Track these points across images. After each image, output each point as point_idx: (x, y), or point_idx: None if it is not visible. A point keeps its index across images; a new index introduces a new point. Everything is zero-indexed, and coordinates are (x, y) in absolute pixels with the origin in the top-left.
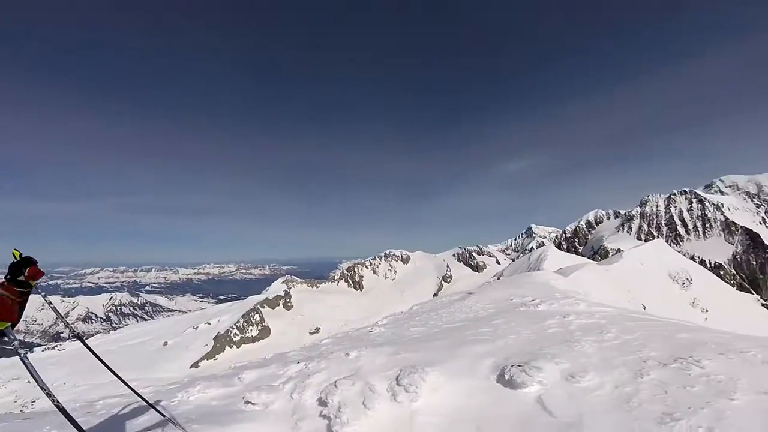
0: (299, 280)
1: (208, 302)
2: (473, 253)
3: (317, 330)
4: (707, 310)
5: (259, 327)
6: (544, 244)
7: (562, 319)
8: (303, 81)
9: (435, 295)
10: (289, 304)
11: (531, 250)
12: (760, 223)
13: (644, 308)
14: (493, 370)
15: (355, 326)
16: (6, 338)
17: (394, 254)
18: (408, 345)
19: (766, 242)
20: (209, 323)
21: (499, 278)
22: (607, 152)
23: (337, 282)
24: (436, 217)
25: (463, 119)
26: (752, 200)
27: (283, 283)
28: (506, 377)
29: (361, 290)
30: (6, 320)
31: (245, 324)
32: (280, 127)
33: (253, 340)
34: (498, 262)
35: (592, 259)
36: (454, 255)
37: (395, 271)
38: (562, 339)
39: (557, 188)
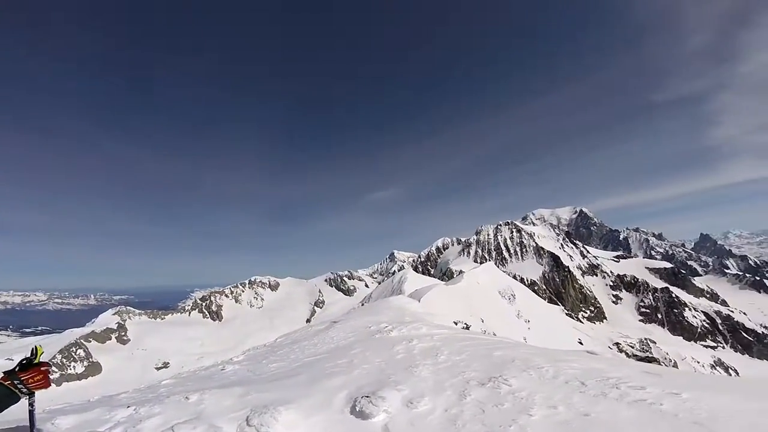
0: (136, 311)
1: (8, 335)
2: (344, 278)
3: (165, 365)
4: (529, 320)
5: (86, 363)
6: (404, 268)
7: (408, 344)
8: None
9: (308, 321)
10: (124, 338)
11: (393, 273)
12: (560, 248)
13: (482, 321)
14: (347, 402)
15: (216, 358)
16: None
17: (260, 281)
18: (263, 383)
19: (564, 263)
20: (11, 359)
21: (364, 303)
22: (454, 186)
23: (188, 312)
24: (308, 243)
25: (336, 147)
26: (554, 230)
27: (115, 314)
28: (357, 409)
29: (220, 320)
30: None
31: (64, 360)
32: (114, 130)
33: (78, 377)
34: (367, 286)
35: (441, 280)
36: (326, 280)
37: (262, 299)
38: (406, 365)
39: (416, 216)
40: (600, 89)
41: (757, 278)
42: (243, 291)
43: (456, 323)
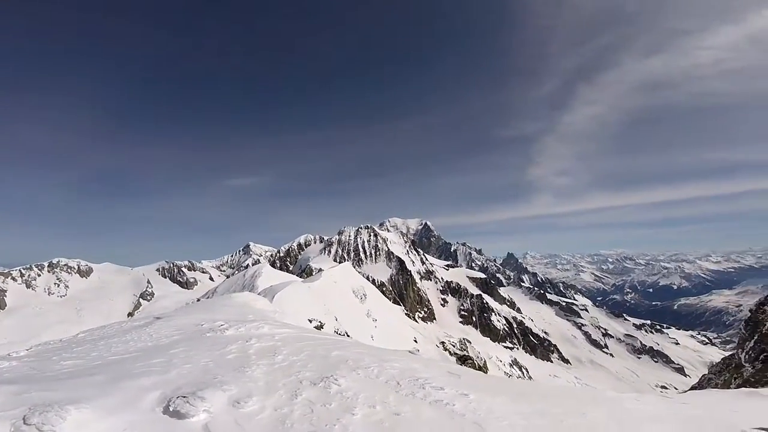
0: None
1: None
2: (183, 269)
3: None
4: (377, 319)
5: None
6: (260, 262)
7: (245, 343)
8: None
9: (130, 315)
10: None
11: (247, 267)
12: (406, 254)
13: (336, 319)
14: (159, 402)
15: None
16: None
17: (66, 264)
18: (49, 382)
19: (408, 268)
20: None
21: (208, 297)
22: (322, 185)
23: None
24: (139, 225)
25: (189, 117)
26: (403, 237)
27: None
28: (171, 409)
29: (2, 309)
30: None
31: None
32: None
33: None
34: (212, 279)
35: (300, 277)
36: (158, 270)
37: (67, 286)
38: (237, 365)
39: (278, 209)
40: (460, 119)
41: (542, 292)
42: (40, 275)
43: (311, 321)
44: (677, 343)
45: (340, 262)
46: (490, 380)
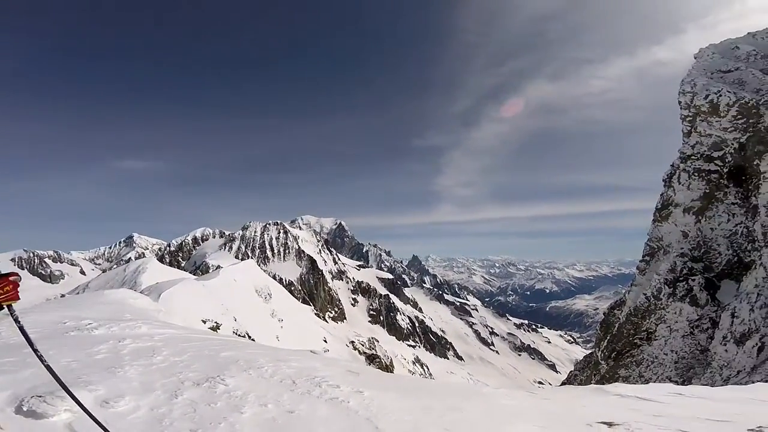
0: None
1: None
2: (47, 260)
3: None
4: (282, 320)
5: None
6: (145, 256)
7: (117, 343)
8: None
9: None
10: None
11: (129, 261)
12: (318, 253)
13: (236, 320)
14: (10, 402)
15: None
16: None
17: None
18: None
19: (319, 267)
20: None
21: (79, 293)
22: (231, 175)
23: None
24: None
25: (78, 87)
26: (316, 236)
27: None
28: (25, 409)
29: None
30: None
31: None
32: None
33: None
34: (83, 273)
35: (194, 274)
36: (12, 260)
37: None
38: (107, 365)
39: (175, 198)
40: (384, 124)
41: (441, 292)
42: None
43: (204, 322)
44: (549, 342)
45: (242, 260)
46: (385, 378)
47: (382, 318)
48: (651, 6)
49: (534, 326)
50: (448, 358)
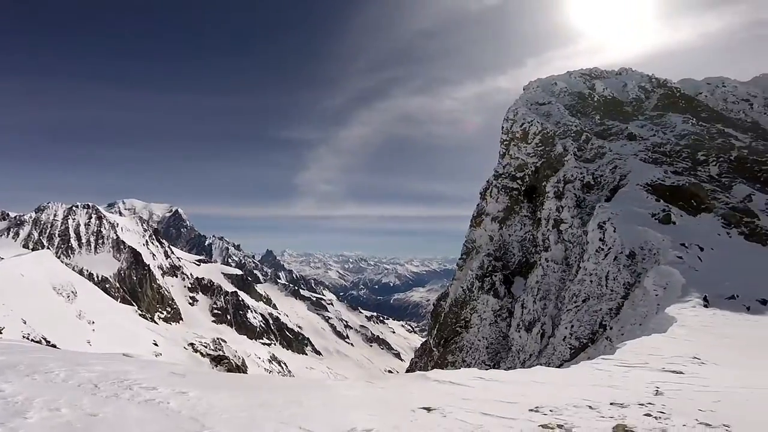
0: None
1: None
2: None
3: None
4: (94, 321)
5: None
6: None
7: None
8: None
9: None
10: None
11: None
12: (144, 245)
13: (25, 323)
14: None
15: None
16: None
17: None
18: None
19: (146, 261)
20: None
21: None
22: (29, 143)
23: None
24: None
25: None
26: (143, 224)
27: None
28: None
29: None
30: None
31: None
32: None
33: None
34: None
35: None
36: None
37: None
38: None
39: None
40: (250, 108)
41: (296, 288)
42: None
43: None
44: (394, 332)
45: (33, 249)
46: (217, 377)
47: (229, 317)
48: (505, 40)
49: (382, 318)
50: (306, 354)
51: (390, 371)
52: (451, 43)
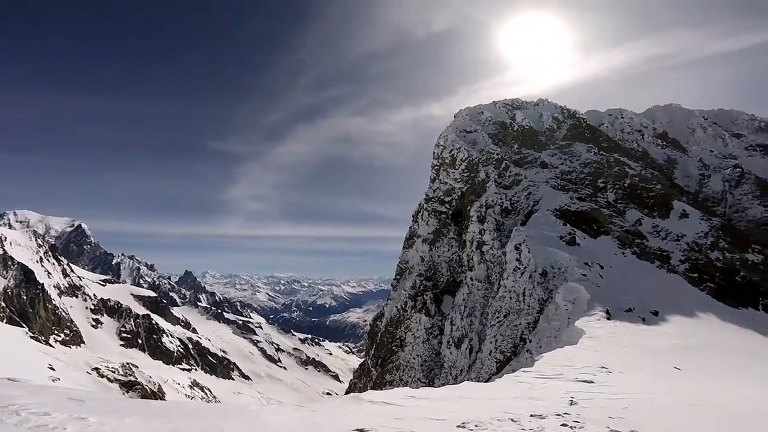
0: None
1: None
2: None
3: None
4: None
5: None
6: None
7: None
8: None
9: None
10: None
11: None
12: (38, 262)
13: None
14: None
15: None
16: None
17: None
18: None
19: (39, 280)
20: None
21: None
22: None
23: None
24: None
25: None
26: (37, 239)
27: None
28: None
29: None
30: None
31: None
32: None
33: None
34: None
35: None
36: None
37: None
38: None
39: None
40: (176, 115)
41: (219, 311)
42: None
43: None
44: (331, 354)
45: None
46: (123, 403)
47: (140, 341)
48: (443, 67)
49: (317, 340)
50: (233, 379)
51: (328, 393)
52: (395, 66)
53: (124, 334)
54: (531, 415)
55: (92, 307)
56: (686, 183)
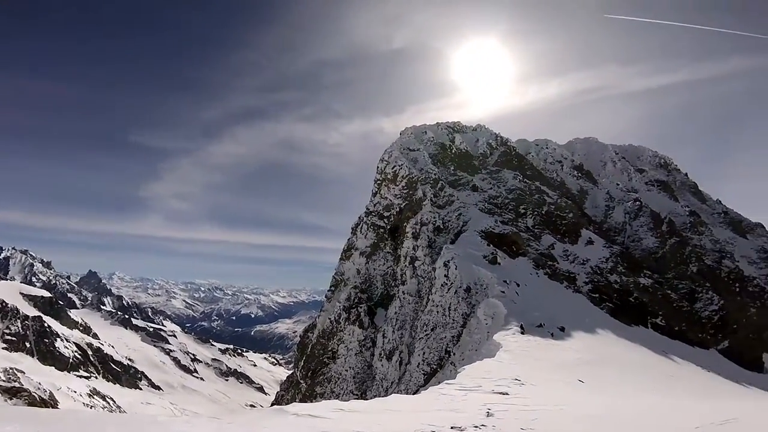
0: None
1: None
2: None
3: None
4: None
5: None
6: None
7: None
8: None
9: None
10: None
11: None
12: None
13: None
14: None
15: None
16: None
17: None
18: None
19: None
20: None
21: None
22: None
23: None
24: None
25: None
26: None
27: None
28: None
29: None
30: None
31: None
32: None
33: None
34: None
35: None
36: None
37: None
38: None
39: None
40: (95, 99)
41: (127, 316)
42: None
43: None
44: (255, 365)
45: None
46: (5, 410)
47: (29, 344)
48: (396, 84)
49: (239, 351)
50: (140, 389)
51: (252, 405)
52: (351, 78)
53: (9, 336)
54: (451, 427)
55: None
56: (594, 213)
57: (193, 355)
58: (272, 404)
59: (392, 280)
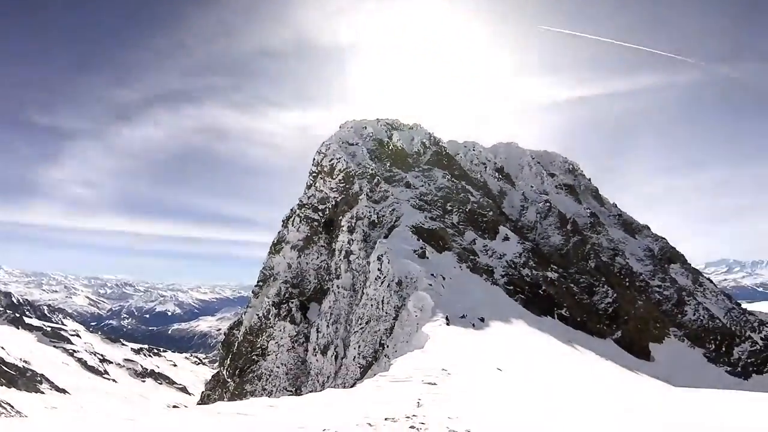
0: None
1: None
2: None
3: None
4: None
5: None
6: None
7: None
8: None
9: None
10: None
11: None
12: None
13: None
14: None
15: None
16: None
17: None
18: None
19: None
20: None
21: None
22: None
23: None
24: None
25: None
26: None
27: None
28: None
29: None
30: None
31: None
32: None
33: None
34: None
35: None
36: None
37: None
38: None
39: None
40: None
41: (18, 315)
42: None
43: None
44: (175, 365)
45: None
46: None
47: None
48: (340, 78)
49: (156, 350)
50: (42, 392)
51: (175, 407)
52: (290, 68)
53: None
54: (385, 419)
55: None
56: (510, 212)
57: (102, 355)
58: (197, 404)
59: (326, 274)
